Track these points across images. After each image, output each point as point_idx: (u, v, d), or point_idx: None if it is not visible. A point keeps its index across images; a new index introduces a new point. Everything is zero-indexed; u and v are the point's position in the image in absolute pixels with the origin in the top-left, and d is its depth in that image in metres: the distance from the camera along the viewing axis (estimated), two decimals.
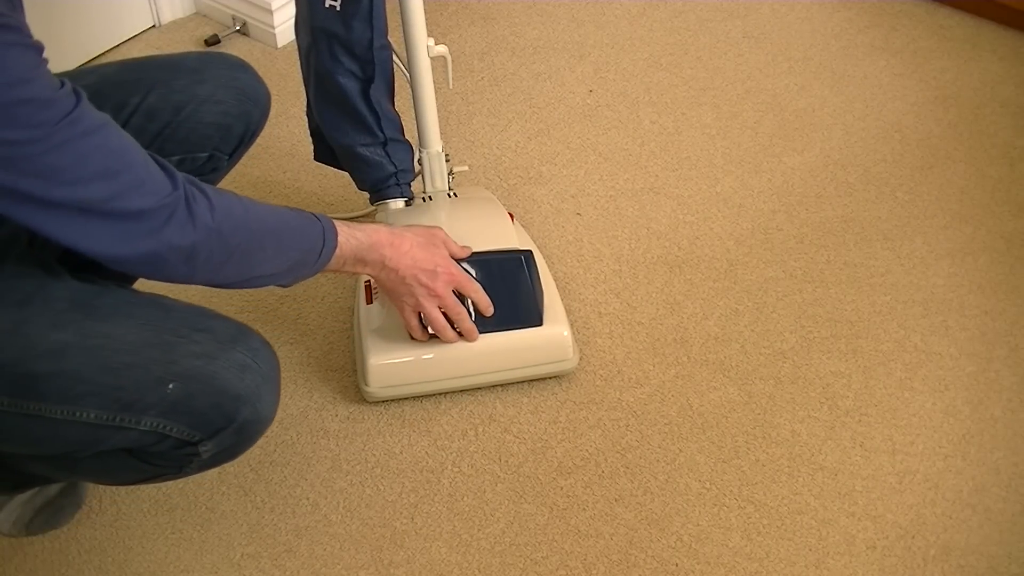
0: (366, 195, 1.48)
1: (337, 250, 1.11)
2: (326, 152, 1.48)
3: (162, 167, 0.91)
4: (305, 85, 1.41)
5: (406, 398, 1.38)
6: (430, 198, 1.45)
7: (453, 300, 1.26)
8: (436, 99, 1.40)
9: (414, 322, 1.27)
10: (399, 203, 1.44)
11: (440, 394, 1.38)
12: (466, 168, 1.59)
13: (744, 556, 1.21)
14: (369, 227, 1.17)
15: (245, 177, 1.71)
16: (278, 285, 1.11)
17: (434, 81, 1.39)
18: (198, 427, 0.99)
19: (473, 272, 1.31)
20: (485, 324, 1.31)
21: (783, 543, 1.23)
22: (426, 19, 1.33)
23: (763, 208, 1.67)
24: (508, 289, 1.32)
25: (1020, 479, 1.29)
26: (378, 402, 1.38)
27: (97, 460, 1.03)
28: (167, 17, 2.07)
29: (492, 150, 1.78)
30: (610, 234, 1.62)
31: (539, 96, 1.90)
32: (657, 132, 1.82)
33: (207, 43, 2.00)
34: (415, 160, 1.45)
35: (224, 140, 1.22)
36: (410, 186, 1.46)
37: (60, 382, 0.93)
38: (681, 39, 2.03)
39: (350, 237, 1.13)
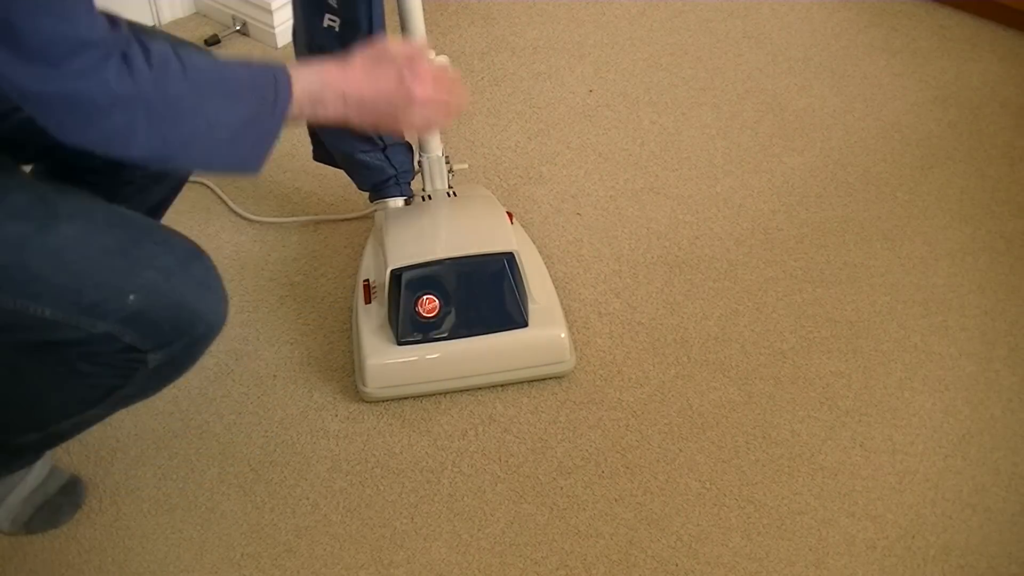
0: (366, 194, 1.48)
1: (292, 96, 0.98)
2: (325, 152, 1.48)
3: (105, 14, 0.85)
4: None
5: (404, 398, 1.38)
6: (429, 197, 1.45)
7: (441, 85, 1.09)
8: None
9: (434, 125, 1.19)
10: (399, 201, 1.44)
11: (439, 394, 1.38)
12: (466, 166, 1.58)
13: (744, 556, 1.21)
14: (319, 64, 1.03)
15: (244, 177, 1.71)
16: (245, 170, 0.99)
17: None
18: (152, 337, 0.99)
19: (454, 277, 1.31)
20: (470, 328, 1.31)
21: (783, 543, 1.23)
22: (426, 19, 1.33)
23: (763, 208, 1.67)
24: (490, 292, 1.32)
25: (1020, 479, 1.29)
26: (377, 402, 1.38)
27: (41, 364, 1.02)
28: (167, 17, 2.07)
29: (492, 150, 1.78)
30: (610, 234, 1.62)
31: (539, 96, 1.90)
32: (657, 132, 1.82)
33: (207, 43, 2.00)
34: (415, 161, 1.45)
35: None
36: (410, 185, 1.46)
37: (17, 275, 0.93)
38: (681, 39, 2.03)
39: (299, 76, 0.99)
